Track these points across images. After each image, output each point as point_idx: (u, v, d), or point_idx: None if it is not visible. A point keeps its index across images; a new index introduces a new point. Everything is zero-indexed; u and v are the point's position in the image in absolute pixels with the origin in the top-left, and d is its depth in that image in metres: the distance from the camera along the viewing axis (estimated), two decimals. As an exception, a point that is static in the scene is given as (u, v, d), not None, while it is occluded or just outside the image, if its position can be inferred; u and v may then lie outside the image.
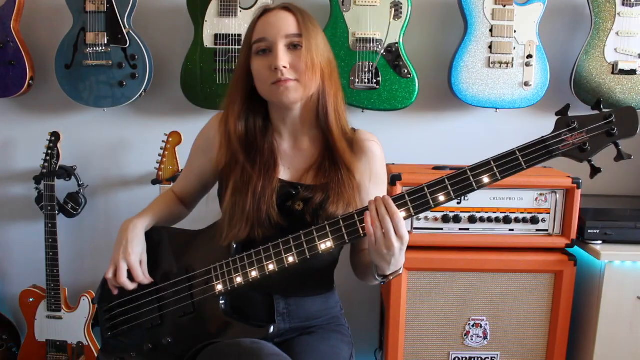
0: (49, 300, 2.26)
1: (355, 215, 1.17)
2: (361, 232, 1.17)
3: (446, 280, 1.97)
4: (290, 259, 1.20)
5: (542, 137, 1.10)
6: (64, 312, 2.27)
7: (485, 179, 1.11)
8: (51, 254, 2.22)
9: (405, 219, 1.14)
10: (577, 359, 2.06)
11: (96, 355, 2.27)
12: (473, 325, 1.99)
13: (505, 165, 1.11)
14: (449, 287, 1.97)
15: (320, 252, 1.19)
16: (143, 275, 1.31)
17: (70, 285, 2.36)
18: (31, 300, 2.29)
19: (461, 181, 1.13)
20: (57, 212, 2.23)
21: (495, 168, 1.11)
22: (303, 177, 1.33)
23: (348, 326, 1.47)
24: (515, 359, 2.01)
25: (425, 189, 1.14)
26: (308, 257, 1.20)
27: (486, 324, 1.99)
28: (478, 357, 2.01)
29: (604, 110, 1.10)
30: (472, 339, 2.00)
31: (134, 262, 1.30)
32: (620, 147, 1.10)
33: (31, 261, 2.43)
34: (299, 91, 1.26)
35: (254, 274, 1.23)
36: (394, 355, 1.98)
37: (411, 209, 1.14)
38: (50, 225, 2.22)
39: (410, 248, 2.00)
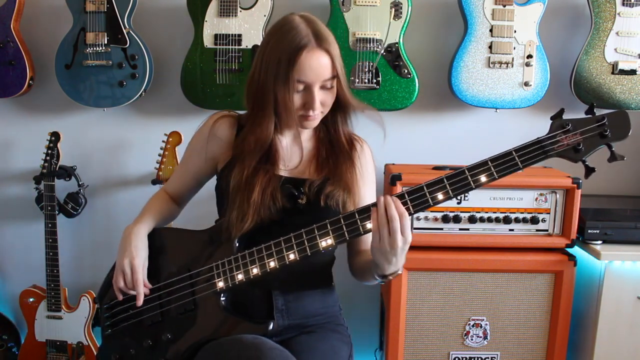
0: (49, 300, 2.26)
1: (356, 214, 1.19)
2: (361, 230, 1.19)
3: (446, 280, 1.97)
4: (292, 256, 1.23)
5: (538, 138, 1.14)
6: (64, 312, 2.27)
7: (483, 178, 1.15)
8: (51, 254, 2.22)
9: None
10: (577, 359, 2.06)
11: (96, 353, 2.27)
12: (473, 325, 1.99)
13: (502, 165, 1.14)
14: (449, 287, 1.97)
15: (321, 249, 1.21)
16: (144, 280, 1.33)
17: (70, 285, 2.36)
18: (31, 300, 2.29)
19: (459, 180, 1.15)
20: (57, 212, 2.23)
21: (492, 168, 1.14)
22: (305, 172, 1.38)
23: (347, 326, 1.47)
24: (515, 359, 2.01)
25: (425, 188, 1.16)
26: (309, 254, 1.22)
27: (486, 324, 1.99)
28: (478, 357, 2.01)
29: (597, 114, 1.14)
30: (472, 339, 2.00)
31: (138, 265, 1.32)
32: (613, 149, 1.13)
33: (31, 261, 2.43)
34: (320, 119, 1.34)
35: (255, 270, 1.25)
36: (394, 355, 1.98)
37: (410, 208, 1.17)
38: (50, 225, 2.22)
39: (410, 248, 2.00)
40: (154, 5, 2.31)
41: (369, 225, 1.18)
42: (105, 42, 2.16)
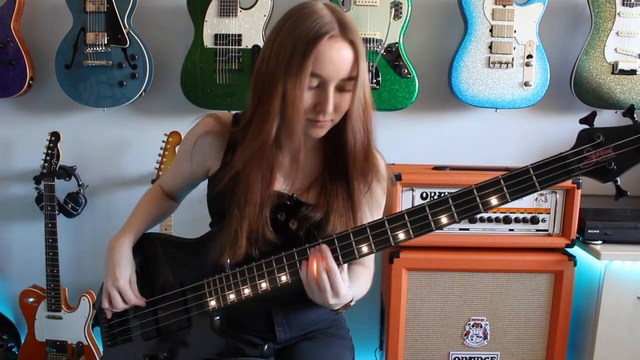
0: (49, 300, 2.26)
1: (351, 235, 1.08)
2: (356, 254, 1.09)
3: (446, 280, 1.97)
4: (283, 278, 1.13)
5: (561, 153, 0.96)
6: (64, 312, 2.27)
7: (494, 201, 1.00)
8: (51, 254, 2.22)
9: (402, 241, 1.06)
10: (577, 359, 2.06)
11: (96, 355, 2.27)
12: (473, 325, 1.99)
13: (517, 186, 0.98)
14: (449, 287, 1.97)
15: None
16: (135, 298, 1.28)
17: (70, 285, 2.36)
18: (31, 300, 2.29)
19: (467, 202, 1.02)
20: (57, 212, 2.23)
21: (505, 188, 0.99)
22: (303, 194, 1.24)
23: (348, 328, 1.46)
24: (515, 359, 2.01)
25: (427, 208, 1.03)
26: (300, 277, 1.12)
27: (486, 324, 1.99)
28: (478, 357, 2.01)
29: (636, 120, 0.94)
30: (472, 339, 2.00)
31: (124, 286, 1.26)
32: None
33: (31, 261, 2.42)
34: (329, 127, 1.17)
35: (246, 291, 1.17)
36: (394, 355, 1.97)
37: (410, 231, 1.04)
38: (50, 225, 2.22)
39: (410, 248, 1.99)
40: (154, 5, 2.31)
41: (364, 249, 1.07)
42: (105, 42, 2.16)
